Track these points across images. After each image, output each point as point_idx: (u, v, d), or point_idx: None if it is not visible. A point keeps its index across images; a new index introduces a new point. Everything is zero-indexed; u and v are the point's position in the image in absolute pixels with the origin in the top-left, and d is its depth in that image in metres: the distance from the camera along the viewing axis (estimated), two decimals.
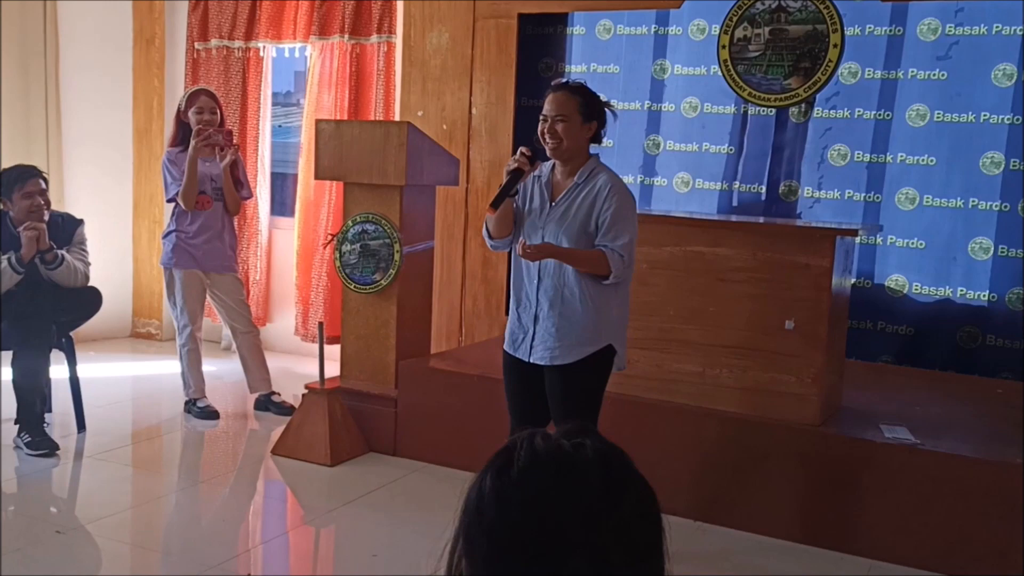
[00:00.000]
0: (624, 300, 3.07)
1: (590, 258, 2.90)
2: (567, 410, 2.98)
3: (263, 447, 4.46)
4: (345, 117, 5.75)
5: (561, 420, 2.97)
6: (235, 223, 5.03)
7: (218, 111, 4.80)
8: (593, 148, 3.07)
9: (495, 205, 2.93)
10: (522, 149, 2.95)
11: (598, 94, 3.04)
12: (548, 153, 2.99)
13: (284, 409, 4.84)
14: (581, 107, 2.94)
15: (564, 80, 3.09)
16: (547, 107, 2.95)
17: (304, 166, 6.00)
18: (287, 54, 6.15)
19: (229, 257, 4.87)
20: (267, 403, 4.95)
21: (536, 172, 3.01)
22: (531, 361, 3.02)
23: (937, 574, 3.31)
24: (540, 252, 2.88)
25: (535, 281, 2.99)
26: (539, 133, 2.97)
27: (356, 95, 5.81)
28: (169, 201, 4.81)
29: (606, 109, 3.03)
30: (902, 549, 3.38)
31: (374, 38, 5.75)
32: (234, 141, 4.82)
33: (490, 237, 3.09)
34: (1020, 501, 3.23)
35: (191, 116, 4.72)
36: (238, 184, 4.81)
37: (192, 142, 4.59)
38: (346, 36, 5.77)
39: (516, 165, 2.93)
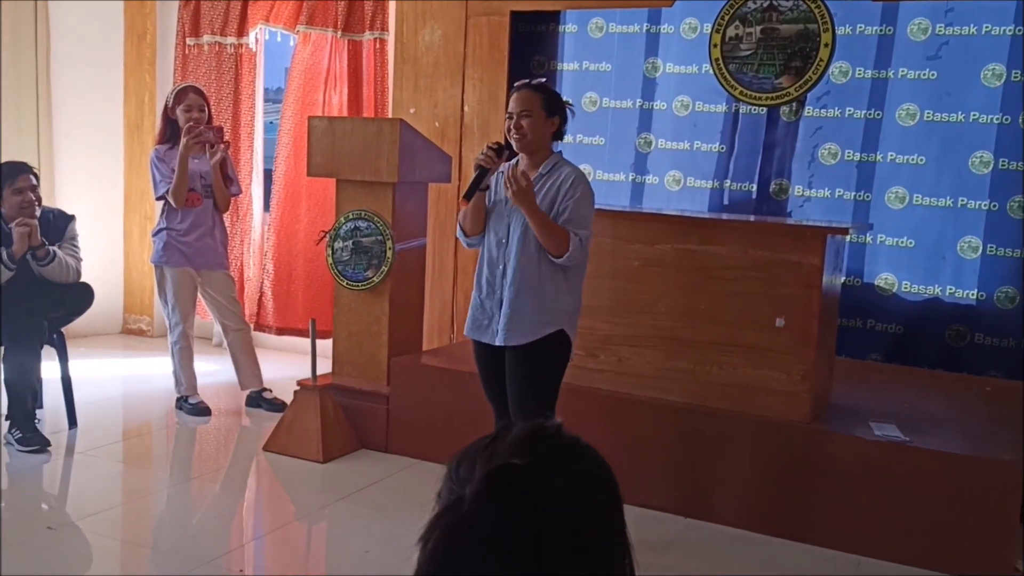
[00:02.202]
0: (577, 290, 3.22)
1: (554, 230, 3.03)
2: (526, 391, 3.14)
3: (255, 444, 4.47)
4: (337, 113, 5.75)
5: (519, 401, 3.13)
6: (226, 220, 5.02)
7: (206, 108, 4.77)
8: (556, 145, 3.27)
9: (468, 196, 3.12)
10: (489, 144, 3.15)
11: (558, 92, 3.27)
12: (515, 147, 3.16)
13: (275, 406, 4.84)
14: (544, 103, 3.12)
15: (526, 80, 3.22)
16: (512, 104, 3.13)
17: (284, 158, 5.99)
18: (278, 39, 6.14)
19: (220, 254, 4.86)
20: (258, 400, 4.95)
21: (500, 168, 3.19)
22: (496, 344, 3.17)
23: (925, 570, 3.33)
24: (524, 192, 2.98)
25: (500, 267, 3.16)
26: (505, 129, 3.16)
27: (348, 92, 5.81)
28: (158, 199, 4.79)
29: (567, 108, 3.21)
30: (890, 545, 3.40)
31: (367, 35, 5.75)
32: (224, 138, 4.81)
33: (465, 235, 3.25)
34: (1008, 498, 3.26)
35: (179, 113, 4.69)
36: (228, 181, 4.80)
37: (183, 139, 4.58)
38: (339, 32, 5.77)
39: (483, 161, 3.11)
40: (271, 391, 4.98)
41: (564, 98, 3.24)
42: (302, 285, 6.06)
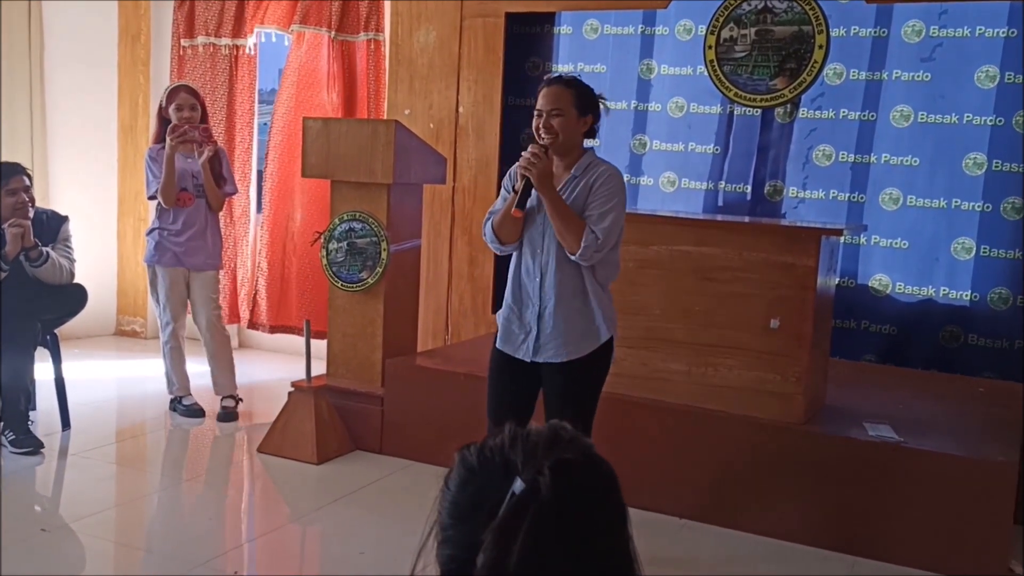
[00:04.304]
0: (608, 290, 3.04)
1: (571, 222, 2.82)
2: (572, 406, 2.92)
3: (249, 445, 4.46)
4: (332, 115, 5.74)
5: (561, 416, 2.91)
6: (220, 220, 4.96)
7: (199, 107, 4.71)
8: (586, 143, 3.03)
9: (521, 206, 2.87)
10: (532, 147, 2.85)
11: (591, 87, 2.99)
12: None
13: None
14: (576, 100, 2.89)
15: (557, 74, 3.03)
16: (541, 101, 2.89)
17: (274, 158, 5.97)
18: (273, 39, 6.13)
19: (212, 254, 4.80)
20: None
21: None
22: (534, 360, 2.97)
23: (920, 571, 3.34)
24: (543, 174, 2.78)
25: (537, 279, 2.95)
26: (534, 128, 2.91)
27: (343, 93, 5.80)
28: (150, 198, 4.75)
29: (600, 103, 2.98)
30: (885, 546, 3.41)
31: (362, 36, 5.75)
32: (212, 137, 4.71)
33: (499, 242, 2.99)
34: (1003, 498, 3.27)
35: (171, 113, 4.66)
36: (221, 180, 4.73)
37: (167, 139, 4.55)
38: (333, 32, 5.76)
39: (527, 167, 2.82)
40: (234, 400, 4.87)
41: (598, 92, 2.99)
42: (296, 283, 6.04)
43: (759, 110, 4.81)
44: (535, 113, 2.91)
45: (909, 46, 4.62)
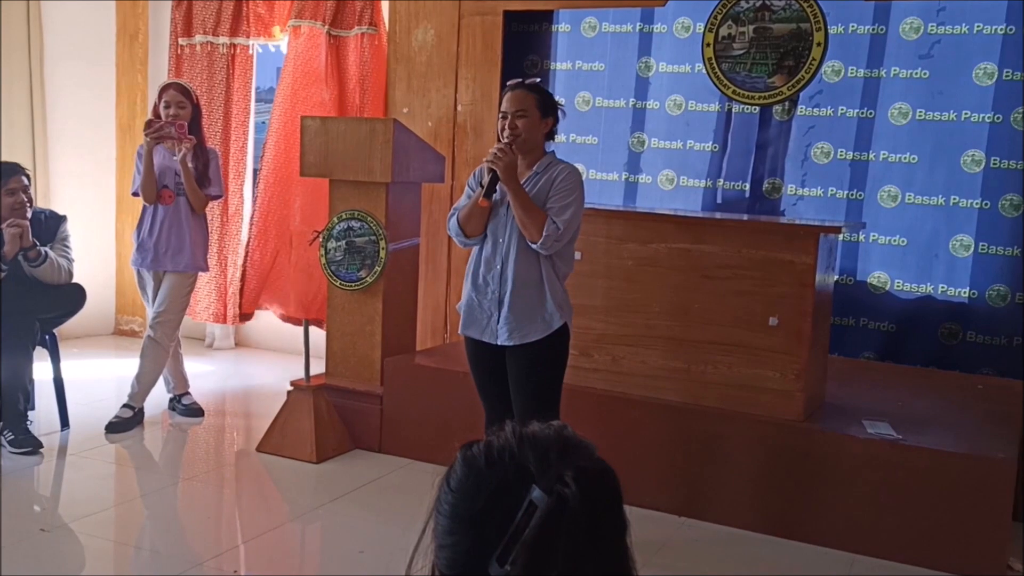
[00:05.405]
0: (564, 282, 3.23)
1: (533, 212, 3.04)
2: (531, 387, 3.14)
3: (248, 444, 4.46)
4: (325, 111, 5.71)
5: (524, 401, 3.13)
6: (205, 221, 4.74)
7: (188, 104, 4.57)
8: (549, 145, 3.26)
9: (488, 196, 3.09)
10: (499, 145, 3.07)
11: (551, 93, 3.26)
12: None
13: (191, 411, 4.76)
14: (539, 104, 3.13)
15: (519, 79, 3.24)
16: (506, 104, 3.13)
17: (272, 154, 5.93)
18: (272, 48, 6.13)
19: (190, 255, 4.60)
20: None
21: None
22: (499, 343, 3.16)
23: (919, 568, 3.34)
24: (509, 167, 3.02)
25: (497, 267, 3.16)
26: (499, 130, 3.14)
27: (337, 89, 5.78)
28: (133, 194, 4.67)
29: (559, 109, 3.21)
30: (884, 543, 3.41)
31: (355, 30, 5.72)
32: (187, 133, 4.51)
33: (464, 236, 3.21)
34: (1001, 495, 3.27)
35: (161, 110, 4.62)
36: (206, 180, 4.59)
37: (144, 135, 4.51)
38: (326, 27, 5.73)
39: (493, 163, 3.05)
40: (190, 396, 4.86)
41: (556, 98, 3.23)
42: (290, 275, 6.00)
43: (757, 108, 4.81)
44: (500, 115, 3.15)
45: (907, 43, 4.62)
